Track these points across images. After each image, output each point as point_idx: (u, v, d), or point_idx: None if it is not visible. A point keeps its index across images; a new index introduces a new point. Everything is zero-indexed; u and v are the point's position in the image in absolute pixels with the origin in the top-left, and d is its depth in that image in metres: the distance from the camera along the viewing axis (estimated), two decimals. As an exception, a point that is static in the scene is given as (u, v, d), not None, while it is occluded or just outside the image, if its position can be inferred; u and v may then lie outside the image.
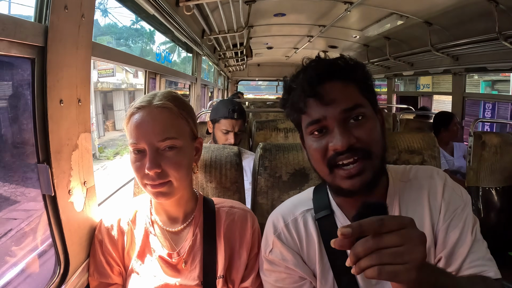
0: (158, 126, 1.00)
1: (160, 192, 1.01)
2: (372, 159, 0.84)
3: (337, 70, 0.88)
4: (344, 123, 0.84)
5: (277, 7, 3.73)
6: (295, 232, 1.01)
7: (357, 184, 0.84)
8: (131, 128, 1.01)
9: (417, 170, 1.01)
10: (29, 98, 0.93)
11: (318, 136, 0.87)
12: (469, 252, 0.87)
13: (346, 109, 0.84)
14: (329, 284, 0.97)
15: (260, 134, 2.67)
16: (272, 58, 8.12)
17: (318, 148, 0.87)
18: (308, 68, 0.90)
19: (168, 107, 1.03)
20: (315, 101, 0.86)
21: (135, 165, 1.00)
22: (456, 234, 0.89)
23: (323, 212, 0.99)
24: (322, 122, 0.86)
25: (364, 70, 0.92)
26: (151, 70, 2.51)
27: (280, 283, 1.01)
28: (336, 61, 0.90)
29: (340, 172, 0.85)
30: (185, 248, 1.09)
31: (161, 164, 0.98)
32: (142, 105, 1.02)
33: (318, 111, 0.86)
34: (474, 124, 2.38)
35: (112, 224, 1.12)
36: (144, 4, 2.00)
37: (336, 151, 0.83)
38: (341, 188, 0.87)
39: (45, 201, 0.99)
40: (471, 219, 0.91)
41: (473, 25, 2.96)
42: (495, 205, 2.27)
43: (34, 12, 0.91)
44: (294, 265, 0.98)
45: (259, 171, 1.36)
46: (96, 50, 1.28)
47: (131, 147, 1.00)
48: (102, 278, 1.09)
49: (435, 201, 0.93)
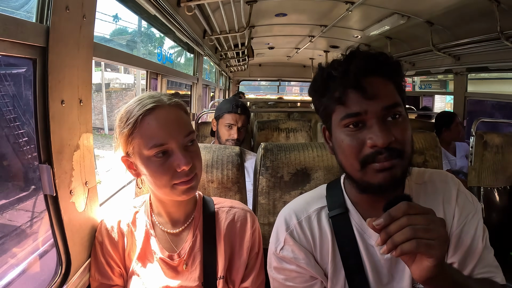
0: (181, 123, 1.01)
1: (191, 187, 1.01)
2: (403, 158, 0.84)
3: (382, 65, 0.86)
4: (384, 120, 0.83)
5: (278, 7, 3.72)
6: (308, 230, 0.98)
7: (388, 178, 0.83)
8: (149, 130, 0.97)
9: (431, 173, 1.01)
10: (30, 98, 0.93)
11: (354, 130, 0.85)
12: (480, 258, 0.90)
13: (387, 106, 0.83)
14: (340, 283, 0.96)
15: (262, 134, 2.67)
16: (273, 58, 8.12)
17: (352, 143, 0.85)
18: (353, 58, 0.86)
19: (180, 104, 1.06)
20: (357, 94, 0.83)
21: (161, 169, 0.97)
22: (468, 240, 0.91)
23: (338, 210, 0.98)
24: (362, 116, 0.83)
25: (402, 70, 0.91)
26: (153, 70, 2.51)
27: (290, 282, 0.99)
28: (380, 57, 0.87)
29: (373, 165, 0.83)
30: (185, 249, 1.09)
31: (191, 159, 1.00)
32: (155, 104, 0.99)
33: (360, 104, 0.83)
34: (476, 124, 2.38)
35: (112, 226, 1.12)
36: (145, 4, 2.00)
37: (375, 148, 0.82)
38: (370, 184, 0.85)
39: (47, 201, 0.99)
40: (482, 227, 0.93)
41: (475, 24, 2.95)
42: (497, 205, 2.27)
43: (36, 12, 0.91)
44: (306, 264, 0.96)
45: (260, 171, 1.35)
46: (97, 51, 1.28)
47: (154, 151, 0.96)
48: (103, 279, 1.09)
49: (449, 206, 0.95)
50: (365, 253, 0.94)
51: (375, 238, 0.93)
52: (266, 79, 10.88)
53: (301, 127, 2.72)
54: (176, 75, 3.32)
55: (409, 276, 0.91)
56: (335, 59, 0.91)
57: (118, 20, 18.77)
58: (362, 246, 0.94)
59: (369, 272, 0.93)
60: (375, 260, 0.94)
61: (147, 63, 2.50)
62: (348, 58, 0.87)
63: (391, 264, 0.93)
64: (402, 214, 0.69)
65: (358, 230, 0.95)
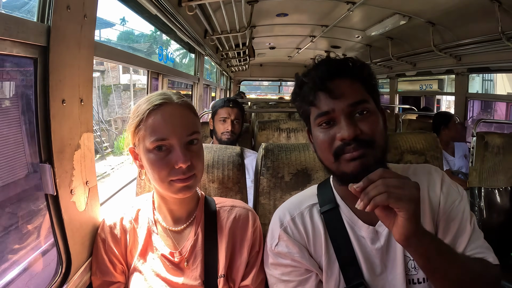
0: (186, 121, 1.04)
1: (187, 186, 1.02)
2: (374, 148, 0.91)
3: (346, 68, 0.95)
4: (350, 116, 0.92)
5: (279, 7, 3.72)
6: (301, 226, 1.04)
7: (359, 166, 0.89)
8: (154, 125, 1.01)
9: (415, 167, 1.09)
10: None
11: (326, 127, 0.94)
12: (469, 241, 0.96)
13: (353, 103, 0.91)
14: (335, 275, 1.00)
15: (263, 134, 2.67)
16: (274, 58, 8.13)
17: (325, 138, 0.94)
18: (320, 65, 0.97)
19: (188, 104, 1.08)
20: (324, 95, 0.93)
21: (159, 163, 1.00)
22: (456, 224, 0.98)
23: (328, 205, 1.05)
24: (331, 114, 0.93)
25: (369, 70, 0.99)
26: (154, 70, 2.52)
27: (286, 277, 1.03)
28: (345, 61, 0.97)
29: (344, 156, 0.91)
30: (187, 247, 1.10)
31: (190, 158, 1.01)
32: (164, 101, 1.03)
33: (327, 104, 0.93)
34: (477, 125, 2.37)
35: (115, 223, 1.12)
36: (146, 4, 2.00)
37: (343, 141, 0.90)
38: (345, 173, 0.92)
39: (47, 200, 0.99)
40: (469, 212, 1.00)
41: (476, 25, 2.95)
42: (498, 206, 2.26)
43: (37, 12, 0.91)
44: (300, 258, 1.01)
45: (261, 172, 1.35)
46: (98, 50, 1.29)
47: (154, 144, 1.00)
48: (105, 276, 1.09)
49: (434, 194, 1.01)
50: (357, 245, 1.00)
51: (365, 229, 1.00)
52: (267, 79, 10.89)
53: (302, 127, 2.72)
54: (177, 75, 3.32)
55: (401, 264, 0.96)
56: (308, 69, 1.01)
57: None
58: (354, 238, 1.00)
59: (362, 263, 0.99)
60: (367, 251, 0.99)
61: (148, 62, 2.50)
62: (316, 66, 0.98)
63: (382, 254, 0.98)
64: (378, 177, 0.77)
65: (348, 223, 1.02)
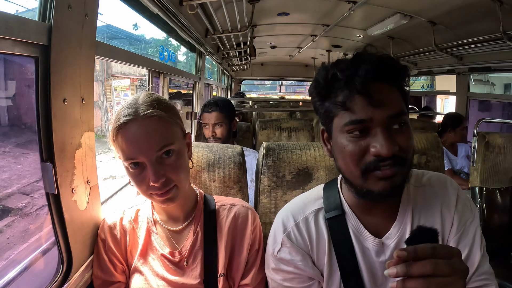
0: (153, 137, 0.97)
1: (168, 198, 1.01)
2: (405, 166, 0.83)
3: (390, 71, 0.83)
4: (389, 129, 0.81)
5: (280, 6, 3.71)
6: (306, 232, 0.99)
7: (389, 187, 0.82)
8: (122, 145, 0.97)
9: (430, 176, 1.00)
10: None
11: (357, 136, 0.83)
12: (478, 266, 0.91)
13: (393, 114, 0.81)
14: (336, 285, 0.97)
15: (264, 133, 2.67)
16: (275, 57, 8.10)
17: (355, 150, 0.83)
18: (362, 62, 0.82)
19: (157, 115, 0.99)
20: (363, 100, 0.81)
21: (136, 179, 0.99)
22: (466, 247, 0.91)
23: (334, 212, 0.98)
24: (367, 124, 0.81)
25: (408, 76, 0.88)
26: (155, 69, 2.51)
27: (287, 283, 1.00)
28: (389, 61, 0.84)
29: (375, 173, 0.81)
30: (186, 246, 1.10)
31: (165, 173, 0.98)
32: (128, 119, 0.97)
33: (366, 111, 0.80)
34: (478, 125, 2.37)
35: (115, 223, 1.13)
36: (147, 3, 2.00)
37: (378, 157, 0.80)
38: (371, 191, 0.83)
39: (49, 199, 0.99)
40: (479, 235, 0.94)
41: (477, 24, 2.94)
42: (499, 206, 2.25)
43: (38, 11, 0.91)
44: (303, 265, 0.97)
45: (262, 171, 1.35)
46: (99, 49, 1.28)
47: (128, 162, 0.97)
48: (105, 276, 1.10)
49: (448, 212, 0.94)
50: (361, 255, 0.95)
51: (371, 241, 0.94)
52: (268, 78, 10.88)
53: (303, 126, 2.72)
54: (178, 74, 3.32)
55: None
56: (340, 59, 0.87)
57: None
58: (358, 249, 0.95)
59: (365, 274, 0.94)
60: (371, 262, 0.95)
61: (149, 62, 2.49)
62: (356, 61, 0.83)
63: (386, 267, 0.94)
64: (425, 258, 0.65)
65: (354, 233, 0.96)
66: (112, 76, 14.43)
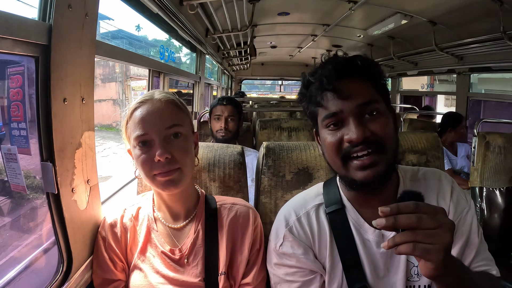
0: (165, 114, 1.04)
1: (171, 180, 1.02)
2: (386, 152, 0.87)
3: (355, 67, 0.91)
4: (359, 117, 0.88)
5: (281, 6, 3.72)
6: (307, 226, 1.02)
7: (370, 175, 0.86)
8: (135, 122, 1.03)
9: (425, 171, 1.05)
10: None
11: (334, 129, 0.90)
12: (477, 252, 0.94)
13: (362, 103, 0.87)
14: (338, 277, 0.99)
15: (264, 133, 2.67)
16: (276, 57, 8.12)
17: (333, 140, 0.90)
18: (327, 64, 0.92)
19: (170, 99, 1.08)
20: (332, 95, 0.89)
21: (142, 157, 1.02)
22: (464, 236, 0.95)
23: (334, 206, 1.02)
24: (339, 116, 0.89)
25: (379, 69, 0.95)
26: (155, 69, 2.52)
27: (290, 277, 1.02)
28: (353, 59, 0.92)
29: (353, 163, 0.88)
30: (187, 244, 1.10)
31: (171, 151, 1.01)
32: (145, 99, 1.06)
33: (335, 104, 0.89)
34: (478, 125, 2.37)
35: (116, 221, 1.13)
36: (147, 3, 2.00)
37: (351, 143, 0.86)
38: (354, 180, 0.89)
39: (49, 199, 0.99)
40: (476, 223, 0.98)
41: (478, 24, 2.94)
42: (499, 206, 2.26)
43: (38, 10, 0.91)
44: (305, 259, 1.00)
45: (262, 170, 1.35)
46: (100, 49, 1.29)
47: (137, 140, 1.02)
48: (105, 274, 1.10)
49: (443, 202, 0.98)
50: (362, 248, 0.97)
51: (371, 233, 0.98)
52: (268, 78, 10.89)
53: (303, 126, 2.72)
54: (179, 74, 3.32)
55: (404, 270, 0.95)
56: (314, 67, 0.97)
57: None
58: (359, 241, 0.98)
59: (366, 266, 0.96)
60: (372, 254, 0.97)
61: (149, 61, 2.50)
62: (323, 65, 0.94)
63: (386, 258, 0.96)
64: (408, 212, 0.69)
65: (354, 226, 0.99)
66: (130, 77, 16.35)
